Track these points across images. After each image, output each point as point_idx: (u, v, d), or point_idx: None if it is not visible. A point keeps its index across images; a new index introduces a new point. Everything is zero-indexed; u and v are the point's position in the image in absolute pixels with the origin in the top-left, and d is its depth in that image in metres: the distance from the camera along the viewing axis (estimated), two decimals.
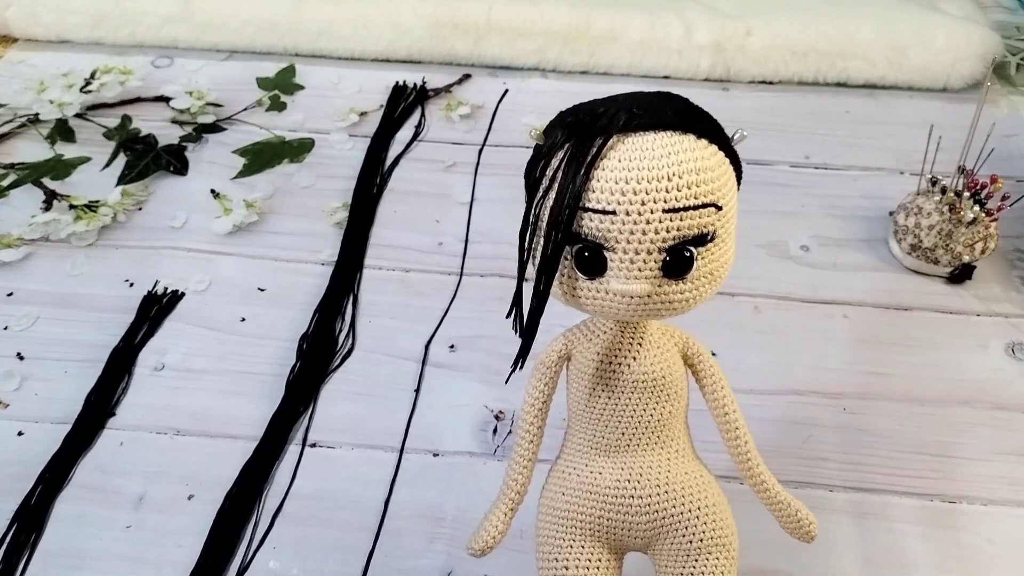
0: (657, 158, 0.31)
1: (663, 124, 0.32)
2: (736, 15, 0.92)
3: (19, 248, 0.73)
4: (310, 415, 0.61)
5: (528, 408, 0.39)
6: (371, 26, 0.92)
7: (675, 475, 0.38)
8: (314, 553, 0.54)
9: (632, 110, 0.32)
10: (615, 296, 0.33)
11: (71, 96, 0.88)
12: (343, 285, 0.70)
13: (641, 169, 0.31)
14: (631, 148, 0.31)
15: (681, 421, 0.39)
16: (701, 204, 0.32)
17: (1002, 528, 0.55)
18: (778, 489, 0.39)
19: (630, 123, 0.32)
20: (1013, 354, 0.66)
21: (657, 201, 0.31)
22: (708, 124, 0.33)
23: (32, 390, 0.63)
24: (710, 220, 0.32)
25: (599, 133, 0.31)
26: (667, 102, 0.33)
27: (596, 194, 0.31)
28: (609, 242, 0.32)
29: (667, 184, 0.31)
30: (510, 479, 0.40)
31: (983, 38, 0.90)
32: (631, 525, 0.39)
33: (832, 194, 0.79)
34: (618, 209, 0.31)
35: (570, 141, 0.32)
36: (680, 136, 0.32)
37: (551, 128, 0.33)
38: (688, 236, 0.32)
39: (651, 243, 0.32)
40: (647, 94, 0.34)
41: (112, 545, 0.54)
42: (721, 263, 0.34)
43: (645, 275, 0.32)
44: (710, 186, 0.32)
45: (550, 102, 0.90)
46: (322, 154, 0.83)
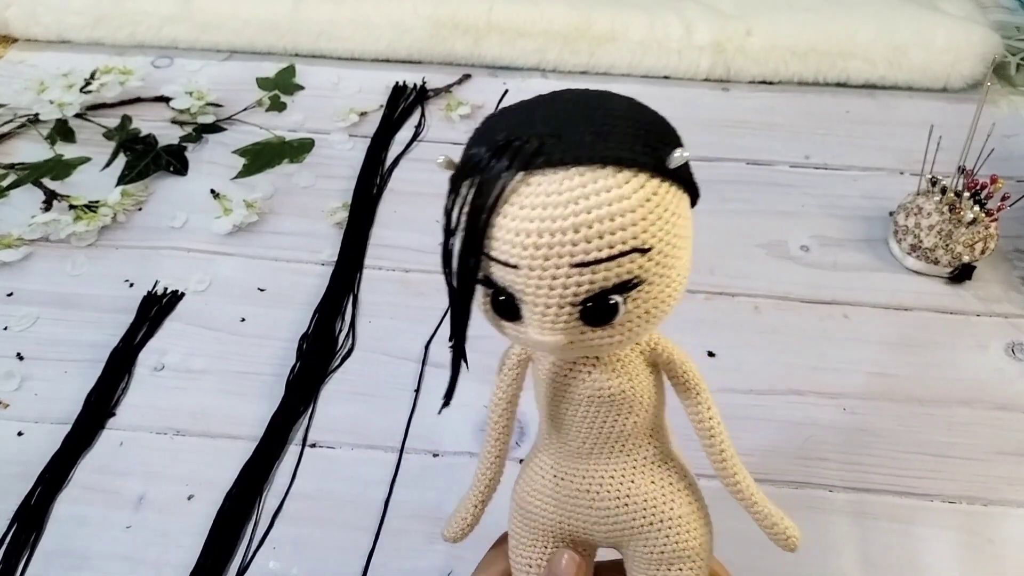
0: (563, 205, 0.27)
1: (576, 158, 0.27)
2: (736, 15, 0.92)
3: (19, 248, 0.73)
4: (310, 415, 0.61)
5: (493, 408, 0.38)
6: (371, 26, 0.92)
7: (638, 486, 0.36)
8: (314, 553, 0.54)
9: (542, 139, 0.27)
10: (533, 341, 0.30)
11: (71, 96, 0.88)
12: (343, 285, 0.70)
13: (544, 220, 0.27)
14: (535, 192, 0.27)
15: (649, 428, 0.36)
16: (618, 253, 0.27)
17: (1002, 528, 0.55)
18: (758, 498, 0.37)
19: (536, 159, 0.27)
20: (1013, 354, 0.66)
21: (563, 256, 0.27)
22: (640, 145, 0.28)
23: (32, 390, 0.63)
24: (634, 266, 0.28)
25: (505, 168, 0.27)
26: (589, 119, 0.28)
27: (499, 243, 0.28)
28: (518, 294, 0.29)
29: (573, 236, 0.27)
30: (479, 474, 0.39)
31: (983, 38, 0.90)
32: (593, 532, 0.38)
33: (832, 194, 0.79)
34: (520, 263, 0.28)
35: (471, 179, 0.28)
36: (596, 172, 0.27)
37: (465, 152, 0.30)
38: (607, 287, 0.28)
39: (561, 298, 0.28)
40: (570, 105, 0.29)
41: (112, 545, 0.54)
42: (660, 301, 0.30)
43: (560, 327, 0.29)
44: (630, 231, 0.27)
45: None
46: (322, 154, 0.83)
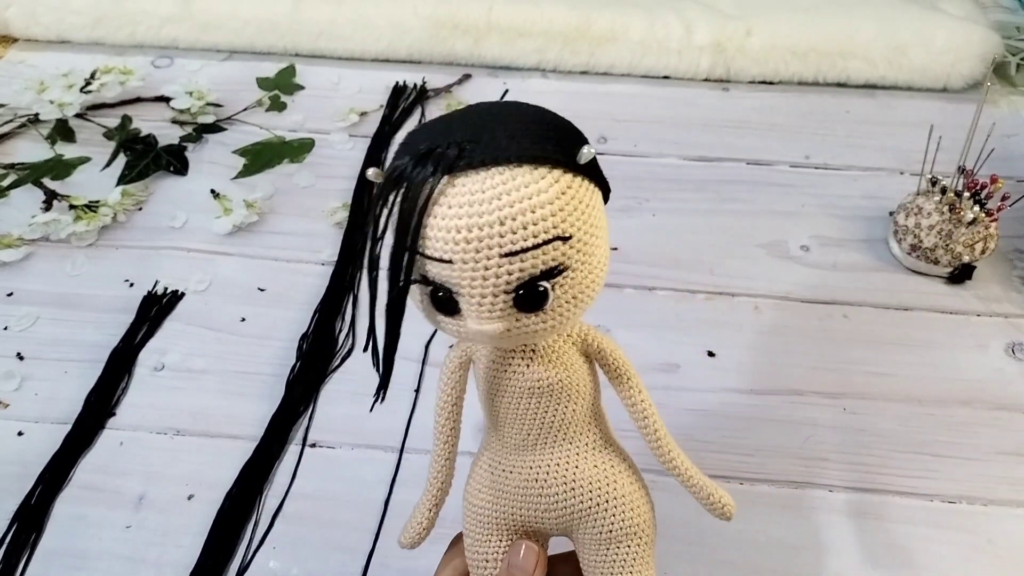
0: (488, 201, 0.29)
1: (495, 159, 0.30)
2: (736, 15, 0.92)
3: (19, 248, 0.73)
4: (310, 415, 0.61)
5: (439, 412, 0.39)
6: (371, 26, 0.92)
7: (582, 471, 0.38)
8: (314, 553, 0.54)
9: (462, 145, 0.30)
10: (472, 332, 0.32)
11: (71, 96, 0.88)
12: (343, 285, 0.70)
13: (472, 216, 0.30)
14: (460, 192, 0.30)
15: (588, 415, 0.38)
16: (542, 242, 0.30)
17: (1002, 528, 0.55)
18: (692, 472, 0.39)
19: (458, 163, 0.30)
20: (1013, 354, 0.66)
21: (492, 247, 0.30)
22: (551, 144, 0.31)
23: (32, 390, 0.63)
24: (558, 253, 0.31)
25: (429, 174, 0.30)
26: (503, 124, 0.31)
27: (432, 242, 0.30)
28: (454, 287, 0.31)
29: (500, 229, 0.29)
30: (431, 477, 0.41)
31: (983, 38, 0.90)
32: (543, 520, 0.39)
33: (832, 194, 0.79)
34: (454, 258, 0.30)
35: (400, 185, 0.30)
36: (514, 170, 0.30)
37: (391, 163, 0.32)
38: (535, 274, 0.31)
39: (495, 287, 0.31)
40: (484, 114, 0.32)
41: (112, 545, 0.54)
42: (584, 286, 0.32)
43: (497, 315, 0.31)
44: (550, 220, 0.30)
45: (550, 102, 0.90)
46: (322, 154, 0.83)
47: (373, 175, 0.32)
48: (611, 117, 0.87)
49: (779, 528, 0.55)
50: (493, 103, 0.33)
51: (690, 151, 0.83)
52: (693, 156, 0.83)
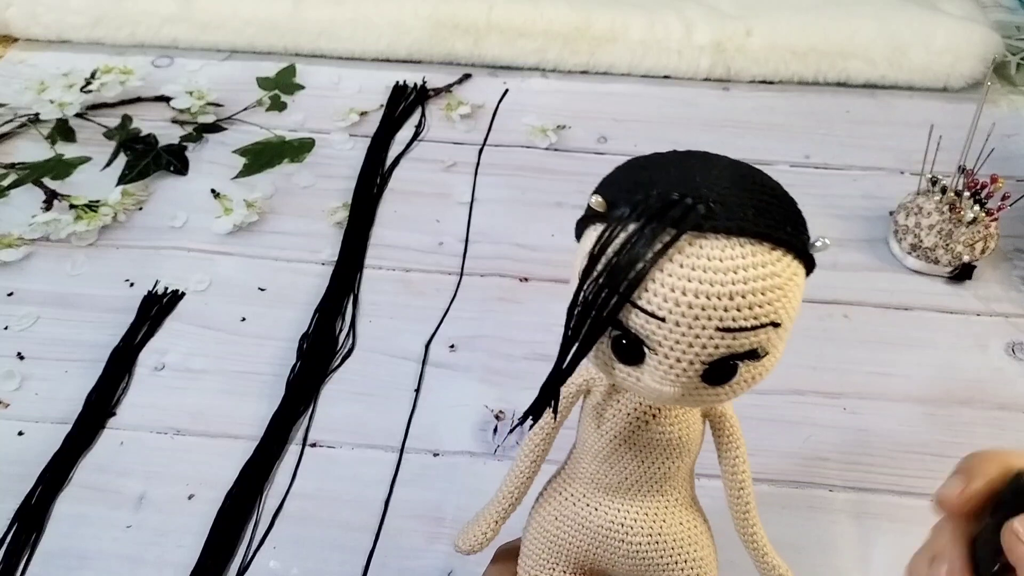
0: (723, 271, 0.28)
1: (739, 229, 0.29)
2: (736, 15, 0.92)
3: (19, 248, 0.73)
4: (310, 415, 0.61)
5: (536, 431, 0.39)
6: (371, 26, 0.92)
7: (669, 526, 0.38)
8: (314, 553, 0.54)
9: (710, 204, 0.28)
10: (646, 388, 0.31)
11: (71, 96, 0.88)
12: (343, 285, 0.70)
13: (702, 282, 0.28)
14: (697, 254, 0.28)
15: (688, 472, 0.38)
16: (759, 324, 0.29)
17: None
18: (768, 550, 0.40)
19: (705, 222, 0.28)
20: (1013, 354, 0.66)
21: (712, 319, 0.28)
22: (791, 227, 0.30)
23: (32, 390, 0.63)
24: (765, 338, 0.30)
25: (669, 224, 0.28)
26: (749, 193, 0.30)
27: (648, 294, 0.29)
28: (651, 343, 0.30)
29: (727, 303, 0.28)
30: (506, 490, 0.40)
31: (983, 38, 0.90)
32: (616, 563, 0.39)
33: (832, 194, 0.79)
34: (668, 317, 0.29)
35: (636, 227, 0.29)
36: (755, 246, 0.29)
37: (614, 193, 0.30)
38: (738, 353, 0.30)
39: (695, 355, 0.29)
40: (729, 172, 0.30)
41: (112, 545, 0.54)
42: (767, 369, 0.32)
43: (681, 381, 0.30)
44: (774, 306, 0.29)
45: (550, 102, 0.91)
46: (322, 154, 0.83)
47: (596, 204, 0.30)
48: (611, 117, 0.87)
49: (779, 528, 0.55)
50: (729, 160, 0.32)
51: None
52: None
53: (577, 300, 0.30)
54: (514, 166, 0.82)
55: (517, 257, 0.72)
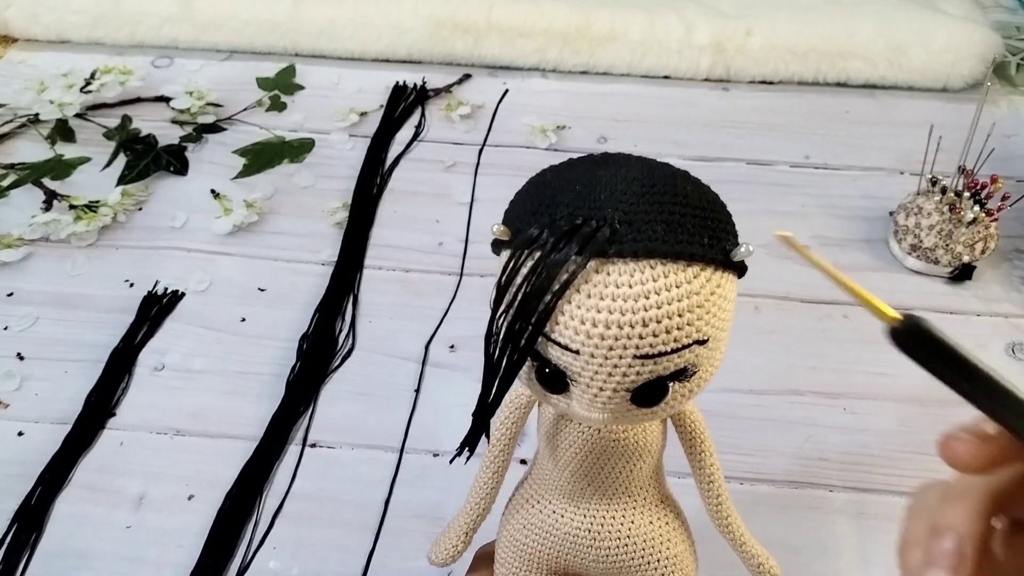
0: (633, 298, 0.27)
1: (648, 251, 0.27)
2: (736, 15, 0.92)
3: (19, 248, 0.73)
4: (310, 415, 0.61)
5: (494, 443, 0.38)
6: (371, 26, 0.92)
7: (637, 526, 0.37)
8: (314, 553, 0.54)
9: (615, 225, 0.27)
10: (576, 415, 0.31)
11: (71, 96, 0.88)
12: (343, 285, 0.70)
13: (612, 311, 0.27)
14: (604, 282, 0.27)
15: (651, 473, 0.38)
16: (682, 346, 0.28)
17: None
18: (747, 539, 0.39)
19: (609, 247, 0.27)
20: (1013, 354, 0.66)
21: (628, 348, 0.27)
22: (708, 237, 0.28)
23: (32, 390, 0.63)
24: (692, 356, 0.28)
25: (574, 252, 0.26)
26: (658, 205, 0.28)
27: (560, 327, 0.27)
28: (571, 374, 0.29)
29: (641, 331, 0.27)
30: (472, 502, 0.40)
31: (983, 38, 0.90)
32: (589, 568, 0.39)
33: (832, 194, 0.79)
34: (582, 350, 0.27)
35: (541, 254, 0.27)
36: (667, 266, 0.27)
37: (519, 217, 0.29)
38: (664, 375, 0.28)
39: (617, 383, 0.28)
40: (637, 183, 0.28)
41: (112, 545, 0.54)
42: (703, 381, 0.30)
43: (609, 408, 0.29)
44: (696, 325, 0.28)
45: (550, 102, 0.91)
46: (322, 154, 0.83)
47: (499, 233, 0.29)
48: (611, 117, 0.87)
49: (779, 528, 0.55)
50: (643, 163, 0.30)
51: (690, 151, 0.83)
52: (693, 156, 0.83)
53: (491, 330, 0.29)
54: (514, 166, 0.82)
55: None
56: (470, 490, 0.40)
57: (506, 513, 0.41)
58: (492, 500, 0.40)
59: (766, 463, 0.59)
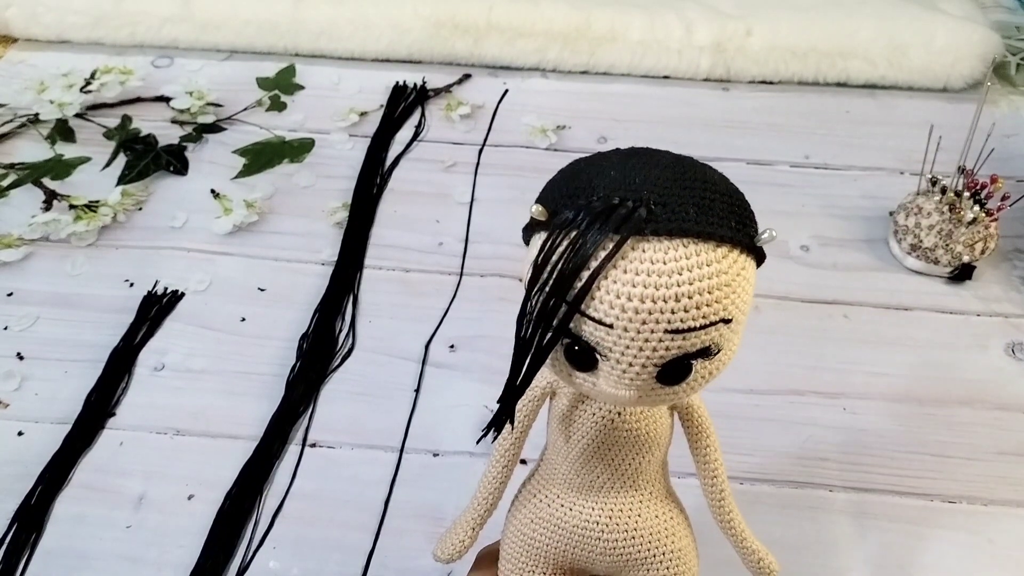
0: (667, 274, 0.28)
1: (682, 230, 0.28)
2: (736, 15, 0.92)
3: (19, 248, 0.73)
4: (310, 415, 0.61)
5: (505, 436, 0.39)
6: (371, 26, 0.92)
7: (644, 519, 0.38)
8: (314, 553, 0.54)
9: (651, 206, 0.28)
10: (603, 393, 0.31)
11: (71, 96, 0.88)
12: (343, 285, 0.70)
13: (647, 286, 0.28)
14: (640, 259, 0.28)
15: (659, 466, 0.38)
16: (709, 323, 0.29)
17: (1002, 528, 0.55)
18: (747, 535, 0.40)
19: (646, 226, 0.28)
20: (1013, 354, 0.66)
21: (660, 322, 0.28)
22: (735, 221, 0.30)
23: (32, 390, 0.63)
24: (717, 334, 0.30)
25: (611, 230, 0.28)
26: (690, 191, 0.29)
27: (595, 302, 0.29)
28: (602, 349, 0.30)
29: (674, 305, 0.28)
30: (480, 497, 0.40)
31: (983, 38, 0.90)
32: (596, 561, 0.39)
33: (832, 194, 0.79)
34: (616, 324, 0.29)
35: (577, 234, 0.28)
36: (698, 245, 0.29)
37: (555, 200, 0.30)
38: (690, 352, 0.30)
39: (647, 359, 0.29)
40: (670, 171, 0.30)
41: (112, 545, 0.54)
42: (723, 363, 0.32)
43: (636, 384, 0.30)
44: (723, 303, 0.29)
45: (550, 102, 0.91)
46: (322, 154, 0.83)
47: (538, 213, 0.30)
48: (611, 117, 0.87)
49: (779, 528, 0.55)
50: (670, 156, 0.32)
51: (690, 151, 0.82)
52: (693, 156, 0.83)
53: (525, 310, 0.30)
54: (514, 166, 0.82)
55: (517, 257, 0.72)
56: (478, 485, 0.40)
57: (512, 509, 0.41)
58: (500, 495, 0.40)
59: (766, 463, 0.59)
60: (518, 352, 0.31)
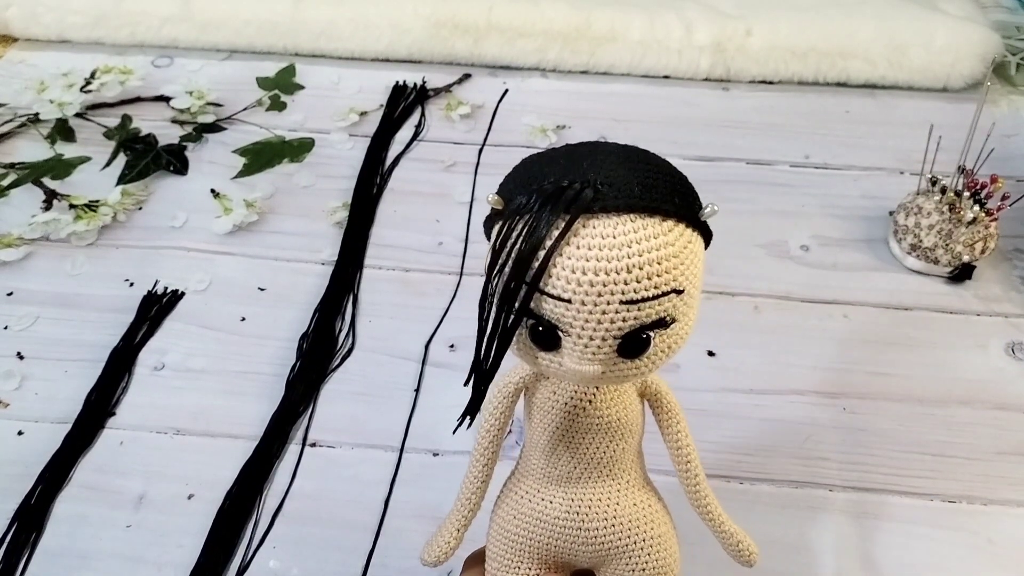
0: (617, 247, 0.30)
1: (628, 206, 0.30)
2: (736, 15, 0.92)
3: (19, 248, 0.73)
4: (310, 415, 0.61)
5: (483, 434, 0.39)
6: (371, 26, 0.92)
7: (623, 508, 0.38)
8: (314, 553, 0.54)
9: (598, 186, 0.30)
10: (569, 371, 0.33)
11: (71, 96, 0.88)
12: (343, 285, 0.70)
13: (600, 260, 0.30)
14: (591, 234, 0.30)
15: (634, 453, 0.39)
16: (661, 293, 0.30)
17: (1002, 528, 0.55)
18: (724, 519, 0.40)
19: (594, 204, 0.30)
20: (1013, 354, 0.66)
21: (615, 293, 0.30)
22: (678, 198, 0.31)
23: (32, 390, 0.63)
24: (670, 305, 0.31)
25: (562, 211, 0.30)
26: (634, 172, 0.31)
27: (552, 279, 0.30)
28: (563, 326, 0.31)
29: (626, 276, 0.30)
30: (463, 497, 0.40)
31: (983, 38, 0.90)
32: (578, 552, 0.39)
33: (832, 194, 0.79)
34: (573, 298, 0.30)
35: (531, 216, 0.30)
36: (645, 220, 0.30)
37: (510, 190, 0.32)
38: (646, 323, 0.31)
39: (606, 331, 0.31)
40: (615, 156, 0.32)
41: (112, 545, 0.54)
42: (680, 337, 0.33)
43: (599, 358, 0.32)
44: (672, 274, 0.31)
45: (550, 102, 0.91)
46: (322, 154, 0.83)
47: (493, 201, 0.32)
48: (611, 117, 0.87)
49: (779, 528, 0.55)
50: (617, 146, 0.33)
51: (690, 151, 0.83)
52: (693, 156, 0.83)
53: (487, 294, 0.31)
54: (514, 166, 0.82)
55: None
56: (461, 486, 0.41)
57: (495, 507, 0.41)
58: (483, 494, 0.41)
59: (766, 463, 0.59)
60: (482, 336, 0.32)
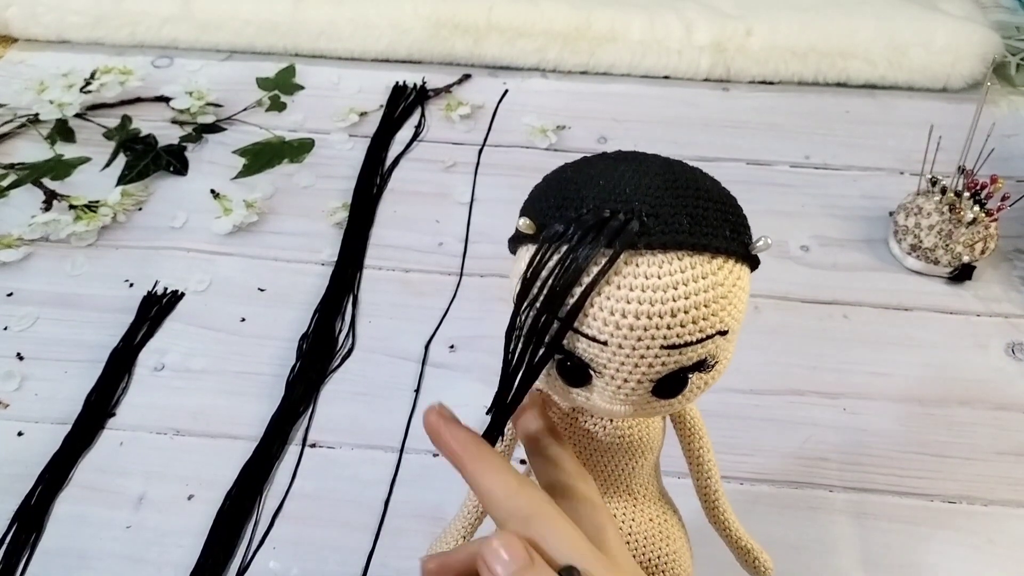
0: (662, 288, 0.27)
1: (676, 243, 0.27)
2: (736, 15, 0.92)
3: (19, 248, 0.73)
4: (310, 415, 0.61)
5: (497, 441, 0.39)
6: (371, 26, 0.92)
7: (638, 524, 0.38)
8: (314, 553, 0.54)
9: (643, 218, 0.27)
10: (598, 408, 0.31)
11: (71, 96, 0.88)
12: (343, 285, 0.70)
13: (642, 302, 0.27)
14: (634, 273, 0.27)
15: (651, 469, 0.38)
16: (705, 336, 0.28)
17: (1002, 528, 0.55)
18: (741, 534, 0.40)
19: (639, 240, 0.27)
20: (1013, 354, 0.66)
21: (656, 338, 0.28)
22: (729, 229, 0.29)
23: (32, 390, 0.63)
24: (713, 347, 0.29)
25: (603, 245, 0.27)
26: (682, 200, 0.28)
27: (588, 319, 0.28)
28: (596, 366, 0.29)
29: (670, 320, 0.27)
30: (471, 504, 0.40)
31: (983, 38, 0.90)
32: None
33: (832, 194, 0.79)
34: (610, 341, 0.28)
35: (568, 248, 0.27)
36: (693, 258, 0.28)
37: (543, 212, 0.29)
38: (686, 366, 0.29)
39: (643, 375, 0.29)
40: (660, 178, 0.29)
41: (112, 545, 0.54)
42: (718, 374, 0.31)
43: (632, 400, 0.30)
44: (719, 316, 0.28)
45: (550, 102, 0.91)
46: (322, 154, 0.83)
47: (525, 227, 0.29)
48: (611, 117, 0.87)
49: (779, 528, 0.55)
50: (661, 162, 0.30)
51: (690, 151, 0.83)
52: (693, 156, 0.83)
53: (514, 325, 0.29)
54: (514, 166, 0.82)
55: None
56: (467, 493, 0.40)
57: None
58: None
59: (766, 463, 0.59)
60: (507, 368, 0.30)
